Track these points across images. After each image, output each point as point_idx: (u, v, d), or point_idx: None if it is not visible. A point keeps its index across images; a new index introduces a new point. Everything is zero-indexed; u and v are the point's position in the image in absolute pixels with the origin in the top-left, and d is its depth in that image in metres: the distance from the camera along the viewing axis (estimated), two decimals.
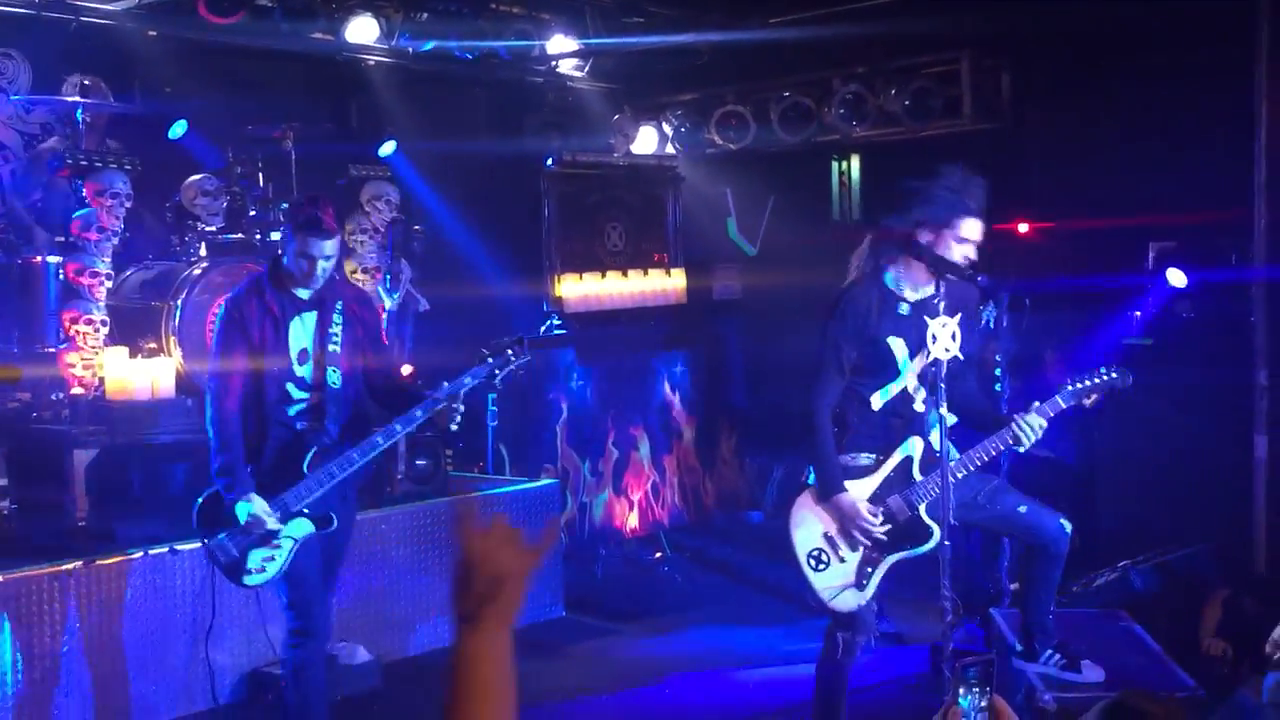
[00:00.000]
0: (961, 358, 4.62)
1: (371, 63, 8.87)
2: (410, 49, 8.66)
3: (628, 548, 8.85)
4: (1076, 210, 8.35)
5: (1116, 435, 7.80)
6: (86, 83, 7.14)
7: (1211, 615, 6.18)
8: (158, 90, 7.72)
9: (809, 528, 4.75)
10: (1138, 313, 7.97)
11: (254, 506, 4.82)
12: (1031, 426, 4.67)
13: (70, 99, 6.93)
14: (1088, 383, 4.74)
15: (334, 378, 5.03)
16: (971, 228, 4.69)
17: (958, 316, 4.57)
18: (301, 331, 5.03)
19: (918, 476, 4.73)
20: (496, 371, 5.03)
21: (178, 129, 7.52)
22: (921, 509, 4.71)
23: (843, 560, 4.73)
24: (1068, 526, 4.88)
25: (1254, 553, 7.19)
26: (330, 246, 4.94)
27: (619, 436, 8.84)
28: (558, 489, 7.86)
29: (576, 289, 8.76)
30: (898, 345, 4.71)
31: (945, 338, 4.51)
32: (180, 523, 6.16)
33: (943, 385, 4.48)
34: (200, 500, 5.00)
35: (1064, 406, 4.75)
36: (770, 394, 8.95)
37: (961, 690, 2.64)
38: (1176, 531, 7.18)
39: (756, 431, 9.58)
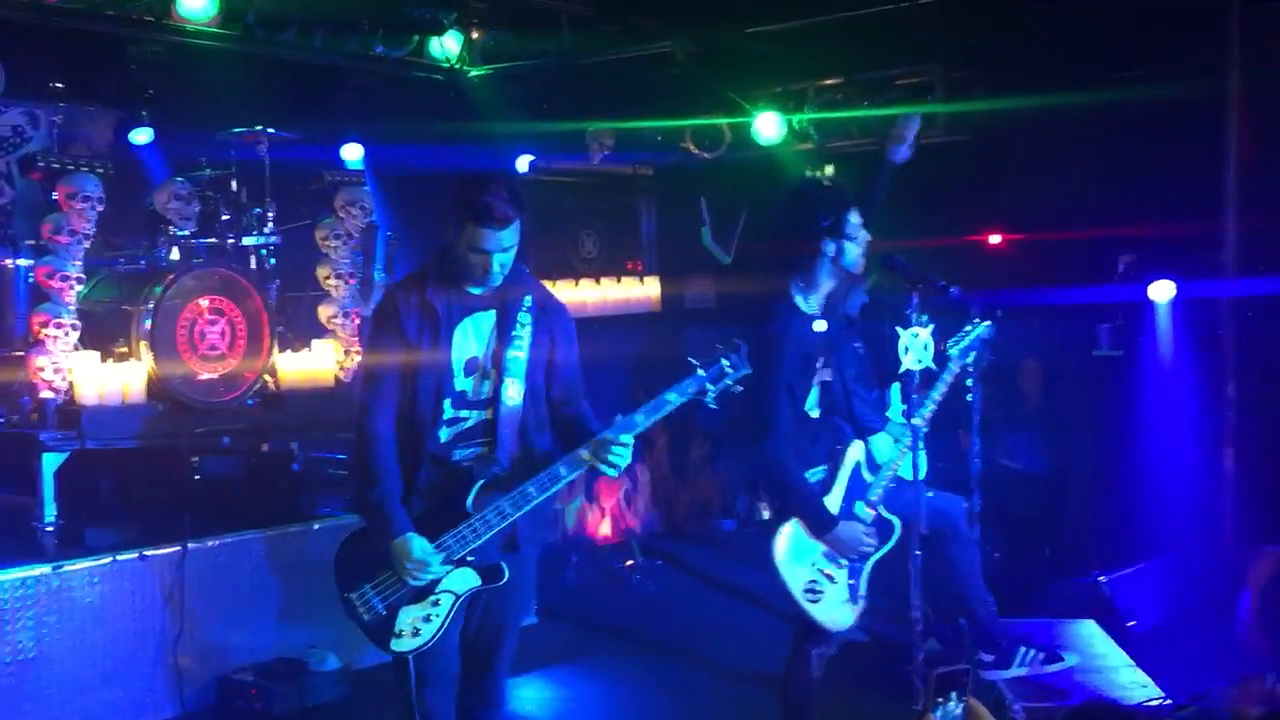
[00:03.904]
0: (935, 369, 4.66)
1: (345, 67, 8.85)
2: (384, 55, 8.64)
3: (600, 555, 8.85)
4: (1048, 222, 8.40)
5: (1086, 447, 7.86)
6: (60, 86, 7.10)
7: (1261, 573, 5.75)
8: (135, 95, 7.68)
9: (798, 563, 4.68)
10: (1107, 324, 8.04)
11: (414, 548, 3.98)
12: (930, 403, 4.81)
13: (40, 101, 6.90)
14: (964, 343, 4.89)
15: (511, 393, 4.12)
16: (858, 216, 4.79)
17: (930, 327, 4.60)
18: (473, 335, 4.16)
19: (868, 478, 4.81)
20: (709, 386, 4.13)
21: (140, 136, 7.47)
22: (882, 508, 4.80)
23: (834, 581, 4.73)
24: (965, 502, 5.04)
25: (1222, 561, 7.23)
26: (508, 236, 4.06)
27: None
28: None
29: None
30: (818, 359, 4.78)
31: (917, 348, 4.53)
32: (150, 528, 6.18)
33: (915, 395, 4.51)
34: (342, 542, 4.24)
35: (956, 372, 4.86)
36: (742, 402, 9.02)
37: (935, 700, 2.66)
38: (1145, 543, 7.23)
39: (729, 440, 9.59)
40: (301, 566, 6.45)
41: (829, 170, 10.17)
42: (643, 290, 9.41)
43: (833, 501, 4.74)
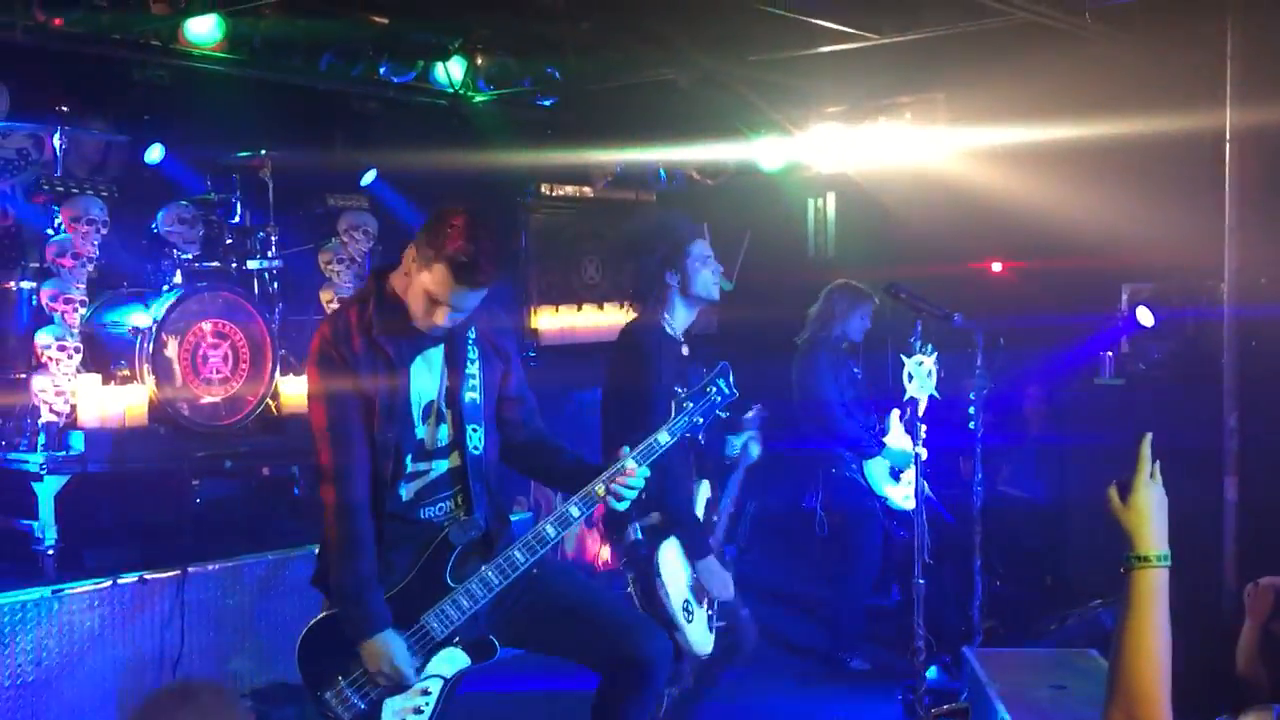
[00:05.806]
0: (939, 397, 4.67)
1: (349, 93, 8.88)
2: (388, 80, 8.69)
3: (600, 580, 8.81)
4: (1051, 250, 8.41)
5: (1088, 475, 7.84)
6: (66, 109, 7.11)
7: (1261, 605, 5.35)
8: (136, 117, 7.69)
9: (677, 583, 4.77)
10: (1109, 353, 8.03)
11: (394, 652, 3.57)
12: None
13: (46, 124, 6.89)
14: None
15: (475, 439, 3.70)
16: (705, 245, 4.82)
17: (934, 355, 4.60)
18: (426, 375, 3.71)
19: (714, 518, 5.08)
20: (699, 419, 3.90)
21: (154, 153, 7.48)
22: None
23: (701, 606, 4.83)
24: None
25: (1222, 592, 7.21)
26: (479, 297, 3.63)
27: None
28: (531, 522, 7.82)
29: (552, 321, 8.78)
30: (680, 381, 4.58)
31: (922, 375, 4.53)
32: (150, 551, 6.16)
33: (921, 424, 4.52)
34: (307, 630, 3.77)
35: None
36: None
37: None
38: None
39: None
40: (302, 591, 6.43)
41: (830, 199, 10.21)
42: None
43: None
